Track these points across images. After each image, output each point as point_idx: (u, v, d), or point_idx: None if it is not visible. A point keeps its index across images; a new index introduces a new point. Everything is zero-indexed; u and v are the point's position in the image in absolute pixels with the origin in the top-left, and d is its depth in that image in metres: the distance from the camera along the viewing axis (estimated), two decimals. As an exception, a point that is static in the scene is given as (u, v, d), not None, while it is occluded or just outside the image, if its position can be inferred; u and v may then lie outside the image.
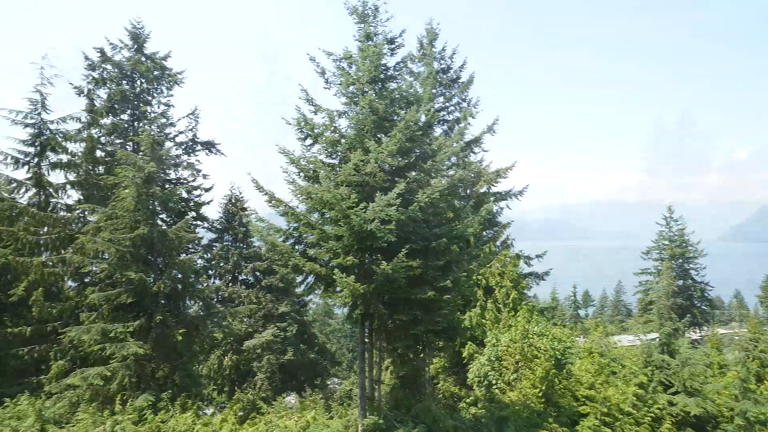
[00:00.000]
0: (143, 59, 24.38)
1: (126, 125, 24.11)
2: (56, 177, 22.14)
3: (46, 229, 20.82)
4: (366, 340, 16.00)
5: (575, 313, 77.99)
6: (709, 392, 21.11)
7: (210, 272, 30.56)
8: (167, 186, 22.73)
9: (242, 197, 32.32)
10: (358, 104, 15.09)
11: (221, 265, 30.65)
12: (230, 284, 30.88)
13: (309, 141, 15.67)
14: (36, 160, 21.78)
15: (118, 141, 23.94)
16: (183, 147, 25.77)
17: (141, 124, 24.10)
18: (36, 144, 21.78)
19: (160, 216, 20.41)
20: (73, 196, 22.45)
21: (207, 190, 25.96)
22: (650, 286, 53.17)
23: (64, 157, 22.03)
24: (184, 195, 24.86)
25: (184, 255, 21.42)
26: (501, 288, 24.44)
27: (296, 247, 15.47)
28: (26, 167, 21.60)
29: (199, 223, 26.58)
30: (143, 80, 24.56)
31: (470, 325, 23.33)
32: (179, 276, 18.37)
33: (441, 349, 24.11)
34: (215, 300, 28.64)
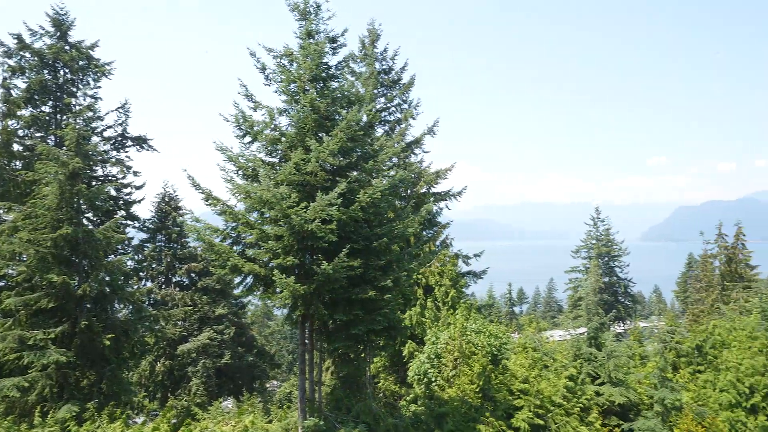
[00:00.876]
0: (67, 48, 22.84)
1: (47, 117, 22.51)
2: (-34, 172, 20.37)
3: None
4: (306, 341, 15.82)
5: (510, 310, 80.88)
6: (631, 382, 22.51)
7: (141, 274, 29.18)
8: (94, 183, 21.48)
9: (177, 196, 31.10)
10: (299, 102, 14.88)
11: (153, 266, 29.33)
12: (163, 286, 29.62)
13: (248, 138, 15.29)
14: (-58, 153, 19.96)
15: (38, 134, 22.30)
16: (112, 142, 24.42)
17: (65, 117, 22.60)
18: (-58, 135, 19.96)
19: (86, 215, 19.26)
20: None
21: (138, 187, 24.73)
22: (579, 283, 56.10)
23: (-24, 151, 20.30)
24: (113, 193, 23.57)
25: (113, 256, 20.36)
26: (440, 287, 24.92)
27: (234, 247, 15.06)
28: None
29: (129, 222, 25.27)
30: (67, 70, 23.01)
31: (410, 324, 23.62)
32: (107, 278, 17.42)
33: (382, 349, 24.20)
34: (147, 303, 27.39)
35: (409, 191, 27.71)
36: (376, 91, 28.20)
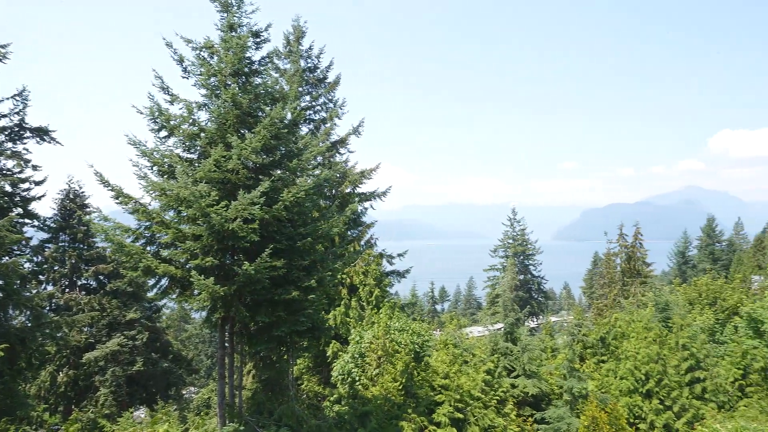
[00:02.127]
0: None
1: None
2: None
3: None
4: (226, 344, 15.29)
5: (433, 308, 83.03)
6: (543, 373, 23.87)
7: (41, 277, 26.80)
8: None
9: (83, 192, 28.90)
10: (219, 97, 14.34)
11: (56, 268, 27.04)
12: (67, 290, 27.40)
13: (164, 133, 14.52)
14: None
15: None
16: (7, 133, 22.19)
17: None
18: None
19: (-25, 212, 17.41)
20: None
21: (38, 183, 22.63)
22: (497, 281, 58.65)
23: None
24: (8, 189, 21.44)
25: (7, 258, 18.54)
26: (365, 286, 25.05)
27: (148, 248, 14.23)
28: None
29: (27, 221, 23.08)
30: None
31: (335, 324, 23.55)
32: (0, 282, 15.84)
33: (305, 350, 23.93)
34: (47, 308, 25.18)
35: (334, 191, 27.62)
36: (301, 89, 27.83)
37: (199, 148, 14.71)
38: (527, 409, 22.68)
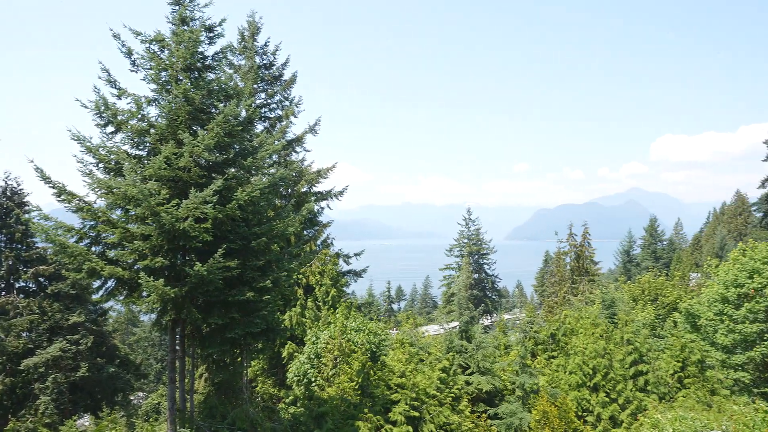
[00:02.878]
0: None
1: None
2: None
3: None
4: (177, 347, 14.83)
5: (389, 308, 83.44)
6: (497, 370, 24.40)
7: (-26, 279, 25.22)
8: None
9: (21, 190, 27.36)
10: (170, 92, 13.88)
11: (-10, 270, 25.49)
12: (3, 293, 25.85)
13: (111, 128, 13.91)
14: None
15: None
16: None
17: None
18: None
19: None
20: None
21: (-29, 179, 21.32)
22: (452, 280, 59.52)
23: None
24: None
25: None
26: (321, 286, 24.88)
27: (93, 248, 13.60)
28: None
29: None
30: None
31: (290, 325, 23.26)
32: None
33: (260, 351, 23.56)
34: (-19, 313, 23.72)
35: (289, 190, 27.28)
36: (256, 86, 27.34)
37: (148, 144, 14.18)
38: (481, 405, 23.13)
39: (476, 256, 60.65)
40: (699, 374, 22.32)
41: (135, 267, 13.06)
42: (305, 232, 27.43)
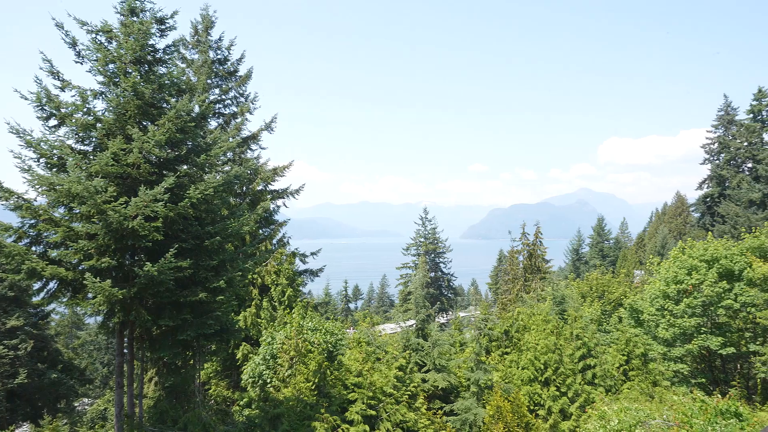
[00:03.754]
0: None
1: None
2: None
3: None
4: (125, 350, 14.28)
5: (346, 307, 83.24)
6: (452, 367, 24.77)
7: None
8: None
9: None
10: (119, 85, 13.34)
11: None
12: (-68, 296, 24.20)
13: (53, 122, 13.25)
14: None
15: None
16: None
17: None
18: None
19: None
20: None
21: None
22: (409, 279, 59.99)
23: None
24: None
25: None
26: (277, 286, 24.53)
27: (33, 248, 12.91)
28: None
29: None
30: None
31: (245, 326, 22.84)
32: None
33: (213, 353, 23.02)
34: None
35: (245, 188, 26.77)
36: (210, 81, 26.67)
37: (94, 139, 13.58)
38: (437, 402, 23.42)
39: (432, 255, 61.38)
40: (642, 367, 23.41)
41: (80, 267, 12.50)
42: (261, 231, 26.98)
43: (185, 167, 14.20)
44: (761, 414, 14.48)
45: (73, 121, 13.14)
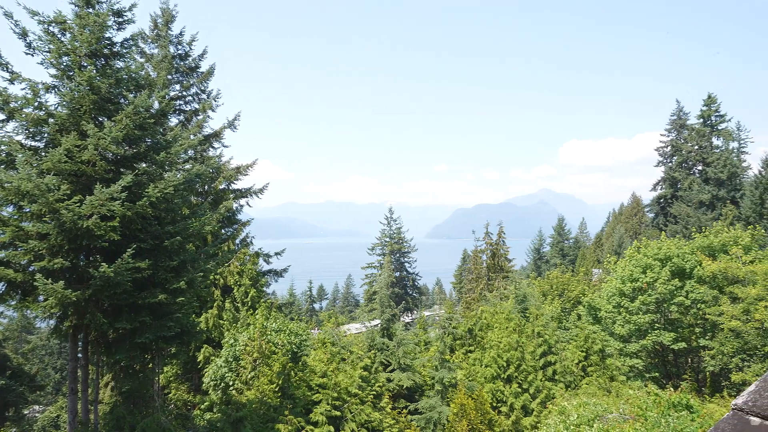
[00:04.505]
0: None
1: None
2: None
3: None
4: (79, 354, 13.74)
5: (311, 307, 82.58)
6: (417, 366, 24.92)
7: None
8: None
9: None
10: (73, 79, 12.81)
11: None
12: None
13: (1, 116, 12.61)
14: None
15: None
16: None
17: None
18: None
19: None
20: None
21: None
22: (374, 278, 60.03)
23: None
24: None
25: None
26: (240, 287, 24.09)
27: (-21, 248, 12.26)
28: None
29: None
30: None
31: (206, 327, 22.34)
32: None
33: (173, 356, 22.37)
34: None
35: (206, 187, 26.19)
36: (170, 77, 25.97)
37: (46, 135, 13.00)
38: (402, 401, 23.52)
39: (398, 255, 61.61)
40: (600, 362, 24.15)
41: (30, 269, 11.94)
42: (223, 231, 26.44)
43: (144, 165, 13.76)
44: (710, 406, 15.16)
45: (23, 115, 12.54)
